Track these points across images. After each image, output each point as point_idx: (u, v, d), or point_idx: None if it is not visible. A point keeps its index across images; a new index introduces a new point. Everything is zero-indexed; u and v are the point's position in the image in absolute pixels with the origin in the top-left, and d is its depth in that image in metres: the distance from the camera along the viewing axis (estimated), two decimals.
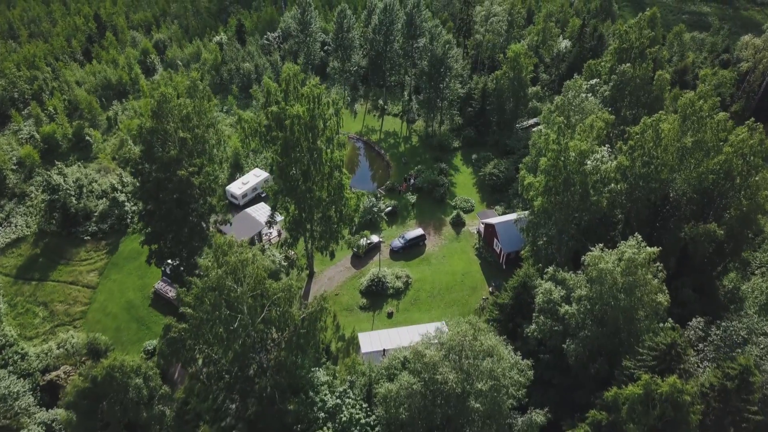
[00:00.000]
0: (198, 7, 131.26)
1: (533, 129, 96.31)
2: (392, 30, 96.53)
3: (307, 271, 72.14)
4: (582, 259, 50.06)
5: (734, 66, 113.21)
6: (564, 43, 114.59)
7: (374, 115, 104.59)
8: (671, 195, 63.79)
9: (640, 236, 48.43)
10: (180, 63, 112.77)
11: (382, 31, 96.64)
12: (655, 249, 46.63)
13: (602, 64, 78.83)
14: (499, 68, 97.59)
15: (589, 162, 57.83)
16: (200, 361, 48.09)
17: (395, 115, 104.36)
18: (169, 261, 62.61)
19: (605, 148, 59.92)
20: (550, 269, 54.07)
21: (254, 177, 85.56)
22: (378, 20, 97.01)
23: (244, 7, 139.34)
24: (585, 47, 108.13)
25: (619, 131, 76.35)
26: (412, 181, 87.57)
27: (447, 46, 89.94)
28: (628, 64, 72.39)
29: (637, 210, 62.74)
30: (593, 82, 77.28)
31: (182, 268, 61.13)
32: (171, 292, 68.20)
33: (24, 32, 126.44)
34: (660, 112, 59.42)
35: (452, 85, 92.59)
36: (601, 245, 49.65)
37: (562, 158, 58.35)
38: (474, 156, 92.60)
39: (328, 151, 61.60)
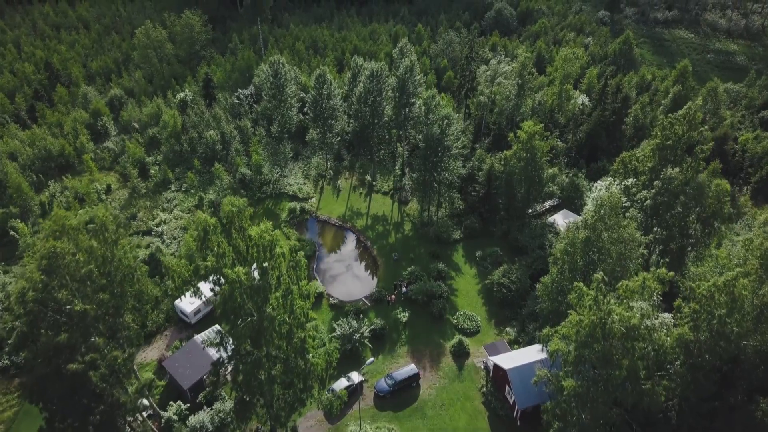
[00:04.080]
0: (164, 54, 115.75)
1: (549, 219, 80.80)
2: (380, 101, 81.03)
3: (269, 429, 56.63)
4: None
5: None
6: (581, 98, 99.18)
7: (360, 193, 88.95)
8: (741, 357, 48.52)
9: None
10: (136, 126, 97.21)
11: (369, 101, 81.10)
12: None
13: (639, 158, 63.21)
14: (507, 138, 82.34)
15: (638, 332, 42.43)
16: None
17: (385, 194, 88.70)
18: None
19: (658, 314, 44.42)
20: None
21: (209, 288, 69.55)
22: (364, 88, 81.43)
23: (218, 51, 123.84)
24: (607, 109, 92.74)
25: (661, 250, 60.99)
26: (403, 289, 71.91)
27: (445, 122, 74.53)
28: (677, 169, 56.80)
29: (698, 383, 47.27)
30: (629, 182, 61.75)
31: None
32: None
33: None
34: (736, 270, 43.69)
35: (451, 166, 77.01)
36: None
37: (603, 324, 42.98)
38: (478, 253, 76.89)
39: (288, 302, 46.05)
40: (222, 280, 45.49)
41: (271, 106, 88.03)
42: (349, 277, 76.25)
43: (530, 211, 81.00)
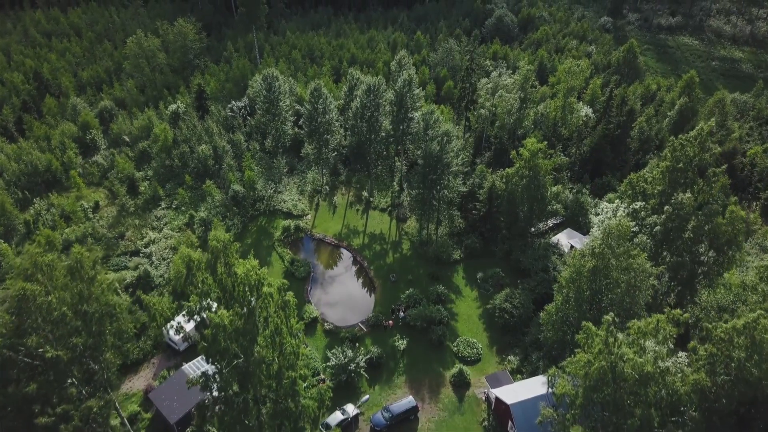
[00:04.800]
0: (156, 63, 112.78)
1: (553, 238, 78.00)
2: (377, 116, 78.16)
3: None
4: None
5: None
6: (584, 110, 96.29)
7: (357, 210, 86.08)
8: (758, 396, 45.81)
9: None
10: (127, 139, 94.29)
11: (366, 117, 78.25)
12: None
13: (648, 180, 60.36)
14: (508, 153, 79.46)
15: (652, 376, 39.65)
16: None
17: (383, 210, 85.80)
18: None
19: (672, 356, 41.64)
20: None
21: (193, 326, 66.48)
22: (360, 103, 78.58)
23: (212, 59, 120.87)
24: (611, 122, 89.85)
25: (671, 277, 58.09)
26: (401, 314, 69.08)
27: (445, 138, 71.70)
28: (688, 194, 53.97)
29: (714, 428, 44.50)
30: (637, 206, 58.89)
31: None
32: None
33: None
34: (758, 311, 40.85)
35: (451, 183, 74.13)
36: None
37: (613, 368, 40.19)
38: (480, 274, 74.07)
39: (277, 342, 43.24)
40: (207, 318, 42.77)
41: (264, 120, 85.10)
42: (344, 300, 73.25)
43: (533, 229, 78.16)
